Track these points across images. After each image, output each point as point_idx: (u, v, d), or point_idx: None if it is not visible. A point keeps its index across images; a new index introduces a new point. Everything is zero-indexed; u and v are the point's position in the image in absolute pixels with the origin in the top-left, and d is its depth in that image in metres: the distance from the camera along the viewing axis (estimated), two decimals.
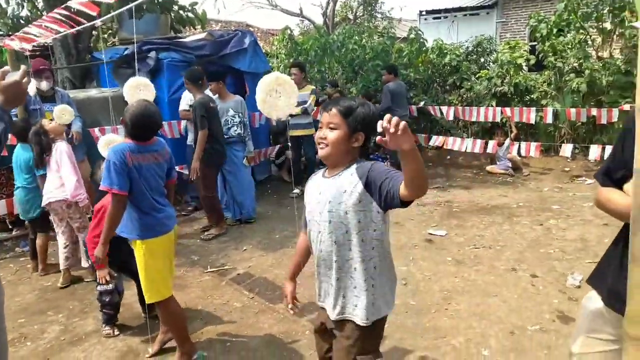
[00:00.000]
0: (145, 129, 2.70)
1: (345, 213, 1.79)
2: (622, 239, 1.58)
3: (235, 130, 5.35)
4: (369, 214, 1.79)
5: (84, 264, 4.12)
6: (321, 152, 1.85)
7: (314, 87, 6.91)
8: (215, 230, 5.16)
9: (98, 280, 3.07)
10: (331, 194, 1.82)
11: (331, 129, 1.82)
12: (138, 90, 2.80)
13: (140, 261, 2.68)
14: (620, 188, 1.56)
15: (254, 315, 3.44)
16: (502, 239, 4.65)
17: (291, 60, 9.46)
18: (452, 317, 3.28)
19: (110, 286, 3.17)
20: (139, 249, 2.67)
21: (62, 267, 4.13)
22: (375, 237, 1.83)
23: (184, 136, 5.84)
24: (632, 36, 7.02)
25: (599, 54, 7.79)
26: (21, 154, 4.15)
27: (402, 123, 1.38)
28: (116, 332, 3.28)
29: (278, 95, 1.76)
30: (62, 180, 3.89)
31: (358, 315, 1.84)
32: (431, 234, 4.88)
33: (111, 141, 3.86)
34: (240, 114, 5.38)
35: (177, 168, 3.19)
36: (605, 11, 7.36)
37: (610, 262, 1.61)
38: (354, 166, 1.82)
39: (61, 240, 4.08)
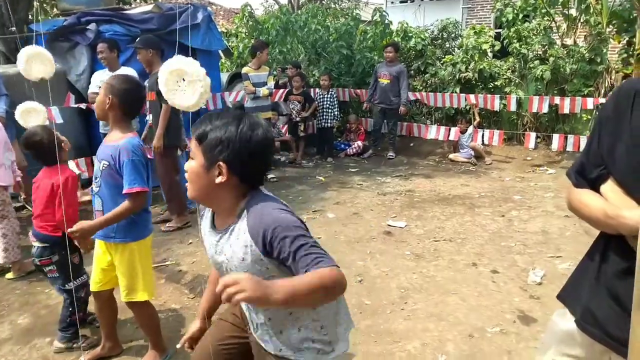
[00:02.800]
0: (139, 106, 2.41)
1: None
2: (598, 252, 1.33)
3: None
4: (285, 273, 1.35)
5: (1, 260, 3.66)
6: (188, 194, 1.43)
7: (270, 68, 6.69)
8: (176, 222, 4.69)
9: (65, 274, 2.65)
10: (229, 259, 1.40)
11: (191, 158, 1.39)
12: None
13: (132, 263, 2.39)
14: (596, 189, 1.30)
15: (193, 318, 3.11)
16: (463, 231, 4.46)
17: (252, 41, 9.03)
18: (409, 318, 3.05)
19: (85, 276, 2.79)
20: (133, 251, 2.38)
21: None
22: None
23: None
24: (596, 23, 6.93)
25: (564, 41, 7.69)
26: None
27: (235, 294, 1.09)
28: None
29: (183, 88, 1.41)
30: None
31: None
32: (390, 225, 4.65)
33: (31, 110, 3.42)
34: None
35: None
36: None
37: (585, 279, 1.36)
38: (244, 215, 1.36)
39: None
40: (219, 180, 1.34)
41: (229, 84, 7.46)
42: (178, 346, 1.80)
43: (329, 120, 7.53)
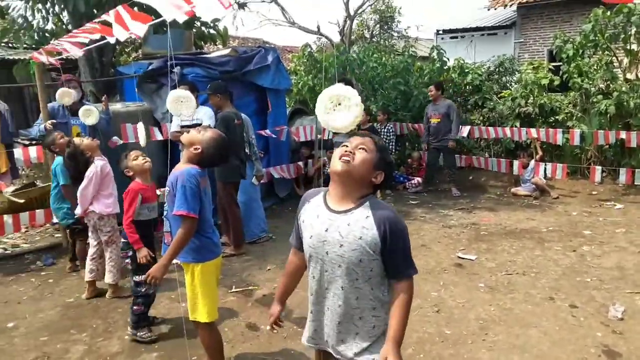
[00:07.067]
0: (219, 159, 2.70)
1: (359, 261, 1.67)
2: None
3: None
4: (380, 264, 1.71)
5: (107, 279, 4.03)
6: (342, 165, 1.68)
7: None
8: (231, 250, 5.02)
9: (135, 267, 3.27)
10: (344, 236, 1.68)
11: (362, 149, 1.71)
12: (179, 102, 2.75)
13: (194, 284, 2.62)
14: None
15: (283, 340, 3.32)
16: (536, 265, 4.49)
17: (310, 77, 9.46)
18: (491, 349, 3.13)
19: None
20: (196, 272, 2.61)
21: (86, 278, 4.09)
22: (385, 283, 1.77)
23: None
24: None
25: (626, 75, 7.65)
26: (58, 161, 4.21)
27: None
28: (152, 337, 3.29)
29: (340, 109, 1.63)
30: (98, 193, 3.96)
31: None
32: (461, 257, 4.74)
33: (90, 111, 4.32)
34: (245, 134, 5.20)
35: None
36: (632, 32, 7.26)
37: None
38: (368, 204, 1.70)
39: (91, 251, 4.08)
40: (374, 181, 1.74)
41: (290, 119, 7.83)
42: (268, 328, 2.11)
43: None
